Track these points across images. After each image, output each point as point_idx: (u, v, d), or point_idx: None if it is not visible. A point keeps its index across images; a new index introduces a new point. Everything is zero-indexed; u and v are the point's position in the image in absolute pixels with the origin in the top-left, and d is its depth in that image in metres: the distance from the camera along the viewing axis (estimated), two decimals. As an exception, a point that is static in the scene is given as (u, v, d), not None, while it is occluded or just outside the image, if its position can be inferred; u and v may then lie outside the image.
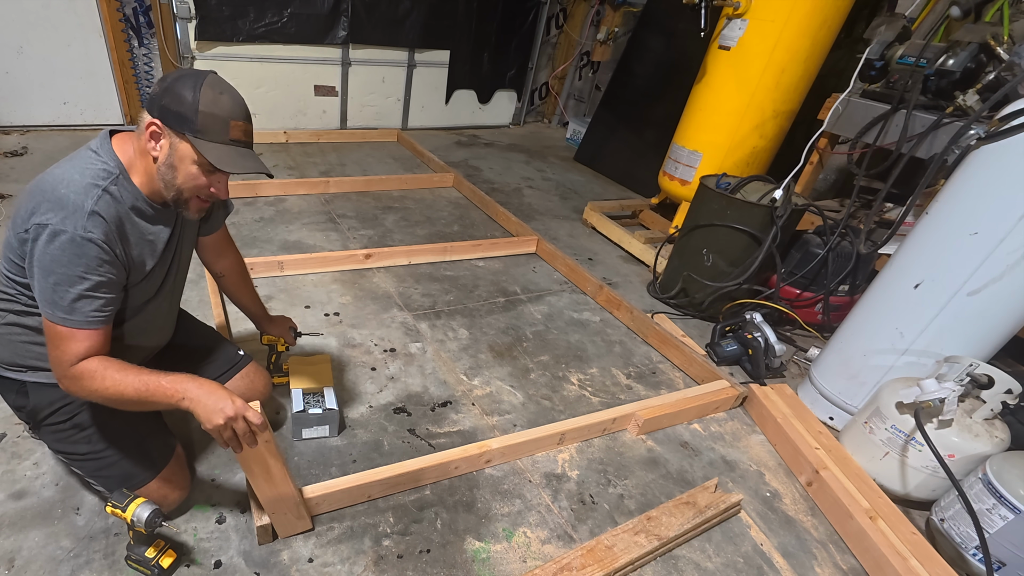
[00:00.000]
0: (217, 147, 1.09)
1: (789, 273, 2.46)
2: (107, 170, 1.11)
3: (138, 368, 1.10)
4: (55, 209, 1.03)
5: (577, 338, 2.40)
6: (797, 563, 1.52)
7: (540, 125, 5.97)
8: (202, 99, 1.07)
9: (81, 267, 1.04)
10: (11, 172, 3.14)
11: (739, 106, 2.79)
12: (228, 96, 1.11)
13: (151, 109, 1.09)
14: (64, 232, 1.02)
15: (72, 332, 1.06)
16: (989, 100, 1.80)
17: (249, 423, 1.09)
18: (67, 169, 1.09)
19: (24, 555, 1.27)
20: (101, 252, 1.06)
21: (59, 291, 1.04)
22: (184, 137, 1.08)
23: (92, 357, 1.08)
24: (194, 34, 3.82)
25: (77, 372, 1.07)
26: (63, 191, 1.05)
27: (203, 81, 1.08)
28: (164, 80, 1.09)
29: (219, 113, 1.08)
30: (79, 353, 1.07)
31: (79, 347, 1.07)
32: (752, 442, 1.94)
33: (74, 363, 1.07)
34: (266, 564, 1.32)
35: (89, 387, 1.07)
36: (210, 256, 1.59)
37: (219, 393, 1.09)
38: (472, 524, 1.50)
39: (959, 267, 1.63)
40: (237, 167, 1.11)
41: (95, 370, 1.07)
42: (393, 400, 1.90)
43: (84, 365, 1.07)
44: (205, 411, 1.07)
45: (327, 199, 3.39)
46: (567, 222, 3.60)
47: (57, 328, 1.06)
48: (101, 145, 1.14)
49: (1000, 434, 1.58)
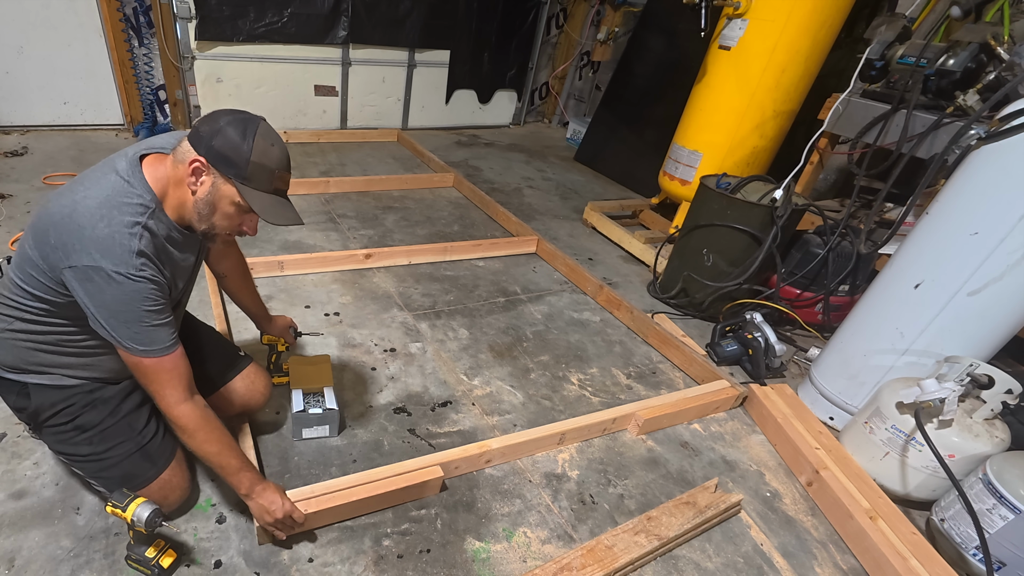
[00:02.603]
0: (261, 196, 1.13)
1: (789, 273, 2.46)
2: (144, 204, 1.11)
3: (228, 445, 1.25)
4: (102, 251, 1.05)
5: (577, 338, 2.40)
6: (797, 563, 1.52)
7: (540, 125, 5.97)
8: (255, 149, 1.09)
9: (143, 303, 1.09)
10: (11, 172, 3.14)
11: (739, 106, 2.79)
12: (278, 148, 1.14)
13: (197, 145, 1.09)
14: (119, 275, 1.05)
15: (159, 361, 1.14)
16: (989, 100, 1.80)
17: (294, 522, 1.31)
18: (101, 203, 1.08)
19: (24, 555, 1.27)
20: (155, 286, 1.11)
21: (132, 328, 1.10)
22: (230, 180, 1.10)
23: (188, 408, 1.18)
24: (194, 34, 3.82)
25: (181, 422, 1.18)
26: (105, 231, 1.05)
27: (256, 130, 1.10)
28: (216, 121, 1.10)
29: (268, 164, 1.11)
30: (178, 386, 1.17)
31: (170, 376, 1.16)
32: (752, 442, 1.94)
33: (177, 403, 1.17)
34: (266, 564, 1.32)
35: (180, 437, 1.22)
36: (214, 257, 1.59)
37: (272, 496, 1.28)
38: (472, 524, 1.50)
39: (959, 267, 1.63)
40: (280, 219, 1.15)
41: (187, 426, 1.19)
42: (393, 400, 1.90)
43: (182, 415, 1.18)
44: (258, 511, 1.29)
45: (327, 199, 3.39)
46: (567, 222, 3.60)
47: (144, 362, 1.13)
48: (133, 173, 1.12)
49: (1000, 434, 1.58)
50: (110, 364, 1.30)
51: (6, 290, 1.21)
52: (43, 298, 1.15)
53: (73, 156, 3.46)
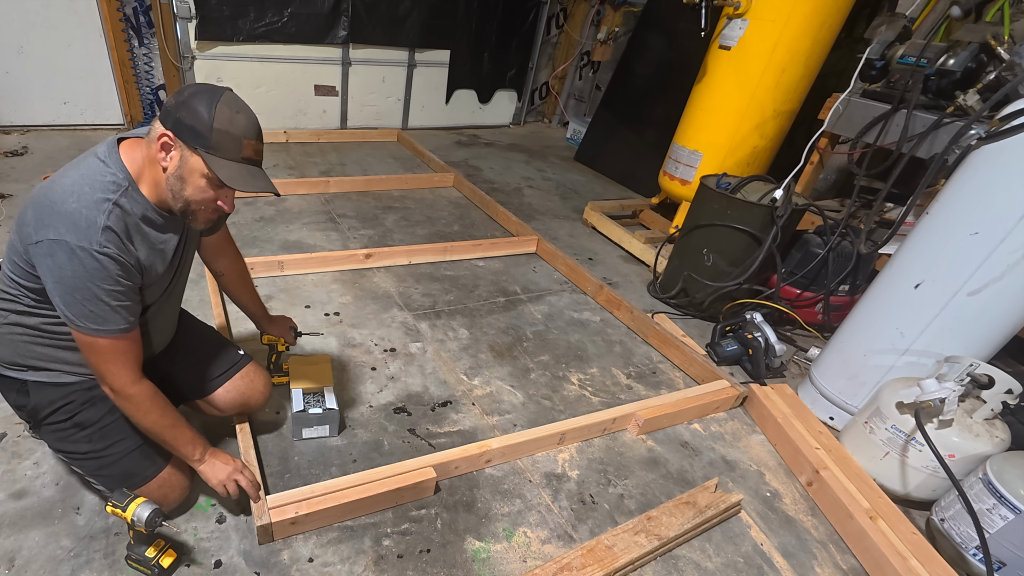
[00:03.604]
0: (228, 164, 1.10)
1: (789, 273, 2.46)
2: (116, 182, 1.11)
3: (179, 416, 1.27)
4: (68, 225, 1.04)
5: (577, 338, 2.40)
6: (797, 563, 1.52)
7: (540, 125, 5.97)
8: (218, 116, 1.07)
9: (103, 281, 1.07)
10: (11, 172, 3.14)
11: (739, 106, 2.79)
12: (243, 116, 1.11)
13: (165, 121, 1.09)
14: (82, 249, 1.04)
15: (110, 342, 1.12)
16: (990, 100, 1.80)
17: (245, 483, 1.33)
18: (75, 180, 1.09)
19: (24, 555, 1.27)
20: (118, 265, 1.09)
21: (87, 305, 1.08)
22: (196, 152, 1.09)
23: (145, 386, 1.19)
24: (194, 34, 3.82)
25: (131, 395, 1.18)
26: (74, 205, 1.05)
27: (220, 98, 1.08)
28: (180, 93, 1.09)
29: (233, 132, 1.09)
30: (134, 367, 1.17)
31: (119, 357, 1.15)
32: (752, 442, 1.94)
33: (132, 383, 1.17)
34: (266, 564, 1.32)
35: (134, 415, 1.21)
36: (210, 255, 1.59)
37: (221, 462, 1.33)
38: (472, 524, 1.50)
39: (959, 267, 1.63)
40: (247, 186, 1.12)
41: (142, 404, 1.20)
42: (393, 400, 1.90)
43: (138, 393, 1.18)
44: (210, 470, 1.33)
45: (327, 199, 3.39)
46: (567, 222, 3.60)
47: (95, 340, 1.11)
48: (109, 154, 1.13)
49: (1000, 434, 1.58)
50: None
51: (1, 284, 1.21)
52: (27, 286, 1.15)
53: (73, 156, 3.38)
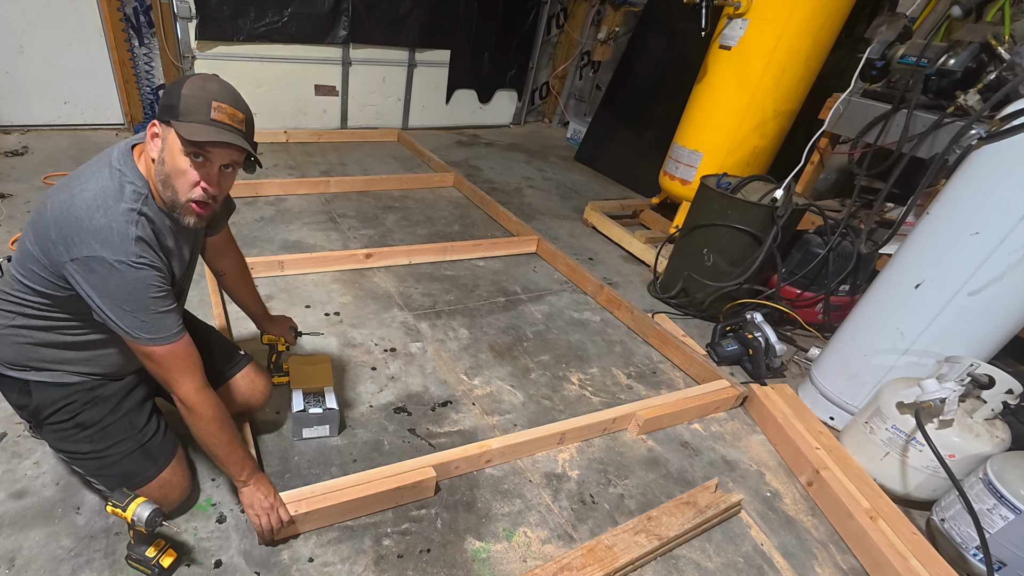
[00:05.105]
0: (195, 126, 1.05)
1: (790, 273, 2.46)
2: (137, 191, 1.11)
3: (236, 434, 1.29)
4: (100, 240, 1.05)
5: (577, 338, 2.39)
6: (797, 563, 1.52)
7: (540, 125, 5.97)
8: (187, 85, 1.07)
9: (146, 290, 1.10)
10: (11, 172, 3.14)
11: (740, 106, 2.78)
12: (216, 83, 1.10)
13: (155, 114, 1.09)
14: (119, 262, 1.05)
15: (170, 349, 1.14)
16: (990, 100, 1.79)
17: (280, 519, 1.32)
18: (97, 193, 1.08)
19: (24, 554, 1.27)
20: (156, 272, 1.11)
21: (138, 316, 1.10)
22: (170, 126, 1.07)
23: (209, 395, 1.21)
24: (194, 34, 3.82)
25: (195, 404, 1.19)
26: (102, 220, 1.06)
27: (196, 75, 1.10)
28: (166, 86, 1.11)
29: (201, 95, 1.06)
30: (195, 373, 1.18)
31: (185, 364, 1.17)
32: (752, 442, 1.94)
33: (197, 390, 1.19)
34: (266, 564, 1.32)
35: (195, 425, 1.22)
36: (212, 254, 1.59)
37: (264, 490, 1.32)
38: (472, 524, 1.50)
39: (960, 267, 1.63)
40: (208, 135, 1.04)
41: (204, 414, 1.21)
42: (393, 400, 1.90)
43: (201, 402, 1.20)
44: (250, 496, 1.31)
45: (327, 199, 3.39)
46: (568, 222, 3.59)
47: (154, 351, 1.13)
48: (125, 162, 1.13)
49: (1001, 434, 1.58)
50: (111, 359, 1.30)
51: (7, 287, 1.21)
52: (44, 292, 1.15)
53: (73, 156, 3.46)
